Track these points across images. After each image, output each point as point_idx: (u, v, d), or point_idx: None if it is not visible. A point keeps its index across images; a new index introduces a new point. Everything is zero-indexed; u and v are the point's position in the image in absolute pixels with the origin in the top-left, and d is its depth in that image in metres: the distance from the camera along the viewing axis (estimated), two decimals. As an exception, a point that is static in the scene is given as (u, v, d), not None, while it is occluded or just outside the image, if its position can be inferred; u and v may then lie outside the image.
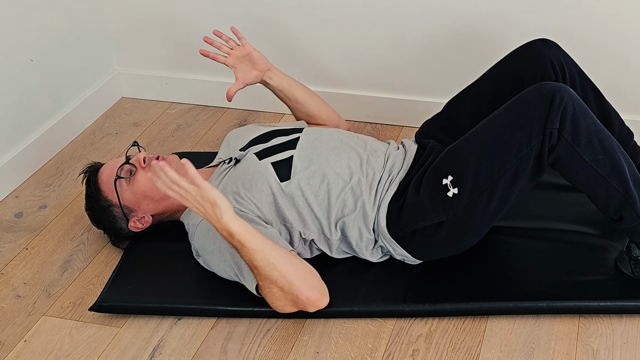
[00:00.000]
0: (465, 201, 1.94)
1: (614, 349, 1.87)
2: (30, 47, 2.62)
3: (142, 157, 2.14)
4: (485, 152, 1.91)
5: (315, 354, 1.90)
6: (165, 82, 3.02)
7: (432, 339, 1.92)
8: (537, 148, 1.88)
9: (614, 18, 2.46)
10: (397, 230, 2.01)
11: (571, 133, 1.85)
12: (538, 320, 1.95)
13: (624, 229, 1.94)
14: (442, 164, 1.98)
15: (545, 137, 1.86)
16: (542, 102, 1.87)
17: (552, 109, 1.85)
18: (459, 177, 1.93)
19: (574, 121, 1.85)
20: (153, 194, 2.13)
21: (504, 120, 1.92)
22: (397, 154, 2.15)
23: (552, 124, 1.85)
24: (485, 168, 1.91)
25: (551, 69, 2.09)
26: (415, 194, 1.99)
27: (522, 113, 1.89)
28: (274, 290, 1.88)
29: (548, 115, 1.85)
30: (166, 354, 1.92)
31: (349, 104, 2.83)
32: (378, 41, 2.70)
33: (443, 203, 1.95)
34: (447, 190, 1.95)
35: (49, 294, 2.12)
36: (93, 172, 2.18)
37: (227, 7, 2.79)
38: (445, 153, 2.00)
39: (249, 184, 2.05)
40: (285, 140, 2.16)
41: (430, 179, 1.98)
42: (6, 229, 2.38)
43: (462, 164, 1.94)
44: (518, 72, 2.11)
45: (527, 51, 2.13)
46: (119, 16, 2.94)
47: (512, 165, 1.90)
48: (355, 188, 2.04)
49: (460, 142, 1.98)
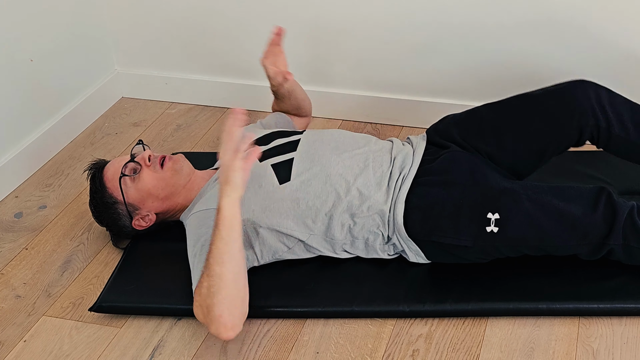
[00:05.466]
0: (498, 242, 1.95)
1: (614, 350, 1.87)
2: (30, 47, 2.62)
3: (147, 155, 2.15)
4: (538, 228, 1.93)
5: (315, 354, 1.90)
6: (165, 82, 3.02)
7: (432, 340, 1.92)
8: (595, 245, 1.94)
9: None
10: (419, 232, 2.00)
11: (634, 239, 1.92)
12: (538, 320, 1.95)
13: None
14: (494, 198, 1.96)
15: (605, 249, 1.93)
16: (606, 221, 1.91)
17: (615, 226, 1.90)
18: (505, 222, 1.94)
19: (636, 230, 1.91)
20: (157, 193, 2.13)
21: (569, 215, 1.93)
22: (405, 150, 2.13)
23: (615, 240, 1.91)
24: (532, 236, 1.94)
25: (591, 115, 2.06)
26: (453, 208, 1.97)
27: (585, 227, 1.92)
28: (204, 284, 1.80)
29: (610, 232, 1.91)
30: (166, 354, 1.92)
31: (349, 104, 2.83)
32: (378, 41, 2.70)
33: (477, 232, 1.95)
34: (488, 225, 1.95)
35: (48, 294, 2.12)
36: (98, 169, 2.19)
37: (227, 7, 2.79)
38: (503, 190, 1.97)
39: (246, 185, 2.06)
40: (286, 141, 2.16)
41: (476, 204, 1.96)
42: (6, 229, 2.38)
43: (514, 218, 1.93)
44: (555, 114, 2.09)
45: (565, 96, 2.09)
46: (119, 16, 2.94)
47: (560, 247, 1.95)
48: (362, 188, 2.02)
49: (521, 194, 1.95)
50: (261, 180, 2.05)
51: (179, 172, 2.16)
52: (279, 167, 2.07)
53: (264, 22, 2.78)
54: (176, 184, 2.15)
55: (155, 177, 2.13)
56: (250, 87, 2.92)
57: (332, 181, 2.03)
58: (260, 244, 2.02)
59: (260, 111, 2.94)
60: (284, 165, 2.08)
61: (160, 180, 2.13)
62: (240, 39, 2.84)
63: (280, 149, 2.13)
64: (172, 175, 2.15)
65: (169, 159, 2.16)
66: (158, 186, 2.13)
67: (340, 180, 2.03)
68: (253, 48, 2.84)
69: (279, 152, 2.12)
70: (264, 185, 2.05)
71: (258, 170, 2.07)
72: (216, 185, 2.09)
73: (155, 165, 2.14)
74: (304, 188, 2.03)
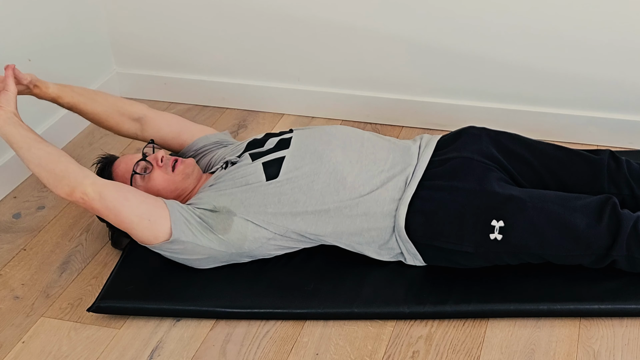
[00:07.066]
0: (501, 250, 1.95)
1: (615, 351, 1.86)
2: (28, 47, 2.61)
3: (159, 156, 2.15)
4: (542, 237, 1.93)
5: (315, 355, 1.90)
6: (163, 82, 3.01)
7: (432, 341, 1.91)
8: (598, 256, 1.94)
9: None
10: (420, 236, 1.99)
11: (638, 251, 1.92)
12: (539, 321, 1.94)
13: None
14: (499, 205, 1.96)
15: (608, 260, 1.94)
16: (610, 232, 1.91)
17: (619, 238, 1.91)
18: (510, 230, 1.93)
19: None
20: (166, 194, 2.13)
21: (573, 226, 1.93)
22: (410, 151, 2.13)
23: (619, 252, 1.92)
24: (535, 245, 1.94)
25: (621, 188, 2.09)
26: (458, 213, 1.97)
27: (589, 238, 1.93)
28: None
29: (614, 243, 1.91)
30: (165, 355, 1.92)
31: (349, 104, 2.83)
32: (378, 41, 2.70)
33: (480, 239, 1.95)
34: (491, 232, 1.94)
35: (47, 295, 2.12)
36: (107, 163, 2.19)
37: (226, 6, 2.79)
38: (509, 197, 1.97)
39: (232, 182, 2.06)
40: (277, 140, 2.16)
41: (481, 210, 1.96)
42: (4, 230, 2.37)
43: (518, 226, 1.93)
44: (583, 178, 2.11)
45: (597, 166, 2.11)
46: (117, 16, 2.93)
47: (563, 257, 1.95)
48: (359, 188, 2.02)
49: (527, 202, 1.95)
50: (249, 177, 2.05)
51: (189, 176, 2.16)
52: (269, 164, 2.07)
53: (264, 22, 2.78)
54: (185, 188, 2.16)
55: (165, 179, 2.13)
56: (250, 87, 2.91)
57: (323, 179, 2.03)
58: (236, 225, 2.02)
59: (259, 111, 2.94)
60: (274, 163, 2.07)
61: (171, 183, 2.13)
62: (240, 39, 2.84)
63: (274, 148, 2.13)
64: (182, 179, 2.14)
65: (181, 162, 2.16)
66: (168, 188, 2.13)
67: (328, 178, 2.03)
68: (252, 48, 2.85)
69: (272, 151, 2.12)
70: (251, 181, 2.05)
71: (249, 169, 2.07)
72: (206, 189, 2.10)
73: (167, 167, 2.14)
74: (291, 185, 2.03)
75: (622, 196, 2.07)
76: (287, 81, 2.87)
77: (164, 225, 1.99)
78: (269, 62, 2.85)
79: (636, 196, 2.07)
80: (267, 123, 2.87)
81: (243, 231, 2.01)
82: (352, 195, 2.02)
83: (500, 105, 2.68)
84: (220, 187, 2.08)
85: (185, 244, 2.00)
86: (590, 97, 2.59)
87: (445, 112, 2.73)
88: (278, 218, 2.01)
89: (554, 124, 2.65)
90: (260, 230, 2.02)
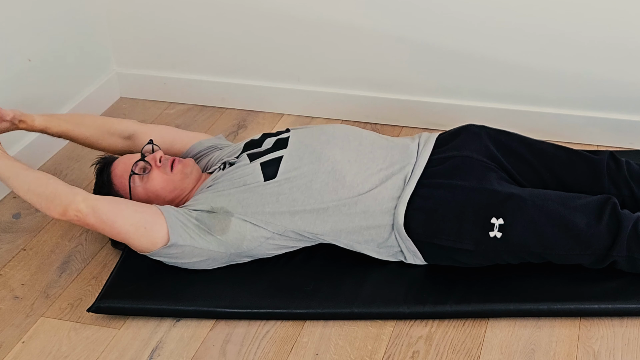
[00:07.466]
0: (500, 248, 1.95)
1: (615, 351, 1.86)
2: (28, 47, 2.61)
3: (158, 156, 2.15)
4: (542, 235, 1.93)
5: (315, 355, 1.89)
6: (163, 82, 3.01)
7: (432, 341, 1.91)
8: (598, 256, 1.94)
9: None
10: (420, 233, 1.99)
11: (638, 251, 1.93)
12: (539, 321, 1.94)
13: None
14: (499, 203, 1.96)
15: (608, 260, 1.94)
16: (610, 232, 1.92)
17: (619, 238, 1.91)
18: (509, 228, 1.93)
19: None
20: (165, 194, 2.13)
21: (573, 225, 1.93)
22: (409, 150, 2.13)
23: (619, 252, 1.92)
24: (535, 243, 1.94)
25: (621, 189, 2.09)
26: (457, 211, 1.97)
27: (589, 237, 1.93)
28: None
29: (614, 244, 1.91)
30: (165, 355, 1.92)
31: (349, 104, 2.82)
32: (379, 41, 2.70)
33: (480, 237, 1.95)
34: (491, 230, 1.94)
35: (47, 295, 2.12)
36: (107, 163, 2.20)
37: (226, 6, 2.79)
38: (509, 195, 1.97)
39: (229, 182, 2.06)
40: (275, 139, 2.16)
41: (480, 208, 1.96)
42: (4, 230, 2.37)
43: (518, 224, 1.93)
44: (583, 178, 2.11)
45: (596, 168, 2.12)
46: (117, 16, 2.93)
47: (562, 256, 1.95)
48: (357, 185, 2.02)
49: (527, 200, 1.95)
50: (247, 178, 2.05)
51: (188, 176, 2.16)
52: (267, 165, 2.07)
53: (264, 22, 2.78)
54: (184, 188, 2.15)
55: (164, 179, 2.13)
56: (249, 87, 2.91)
57: (321, 178, 2.02)
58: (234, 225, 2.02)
59: (258, 111, 2.93)
60: (272, 163, 2.07)
61: (169, 183, 2.14)
62: (240, 39, 2.84)
63: (272, 147, 2.13)
64: (181, 179, 2.15)
65: (179, 162, 2.16)
66: (166, 188, 2.13)
67: (327, 178, 2.03)
68: (252, 47, 2.84)
69: (270, 151, 2.12)
70: (249, 182, 2.05)
71: (247, 169, 2.07)
72: (203, 190, 2.10)
73: (166, 167, 2.14)
74: (289, 185, 2.03)
75: (622, 197, 2.07)
76: (287, 81, 2.87)
77: (160, 231, 1.99)
78: (269, 62, 2.85)
79: (636, 197, 2.07)
80: (267, 123, 2.87)
81: (241, 231, 2.01)
82: (351, 194, 2.02)
83: (500, 105, 2.68)
84: (218, 188, 2.08)
85: (183, 247, 2.00)
86: (590, 97, 2.59)
87: (445, 112, 2.73)
88: (276, 217, 2.01)
89: (554, 124, 2.65)
90: (258, 229, 2.02)
